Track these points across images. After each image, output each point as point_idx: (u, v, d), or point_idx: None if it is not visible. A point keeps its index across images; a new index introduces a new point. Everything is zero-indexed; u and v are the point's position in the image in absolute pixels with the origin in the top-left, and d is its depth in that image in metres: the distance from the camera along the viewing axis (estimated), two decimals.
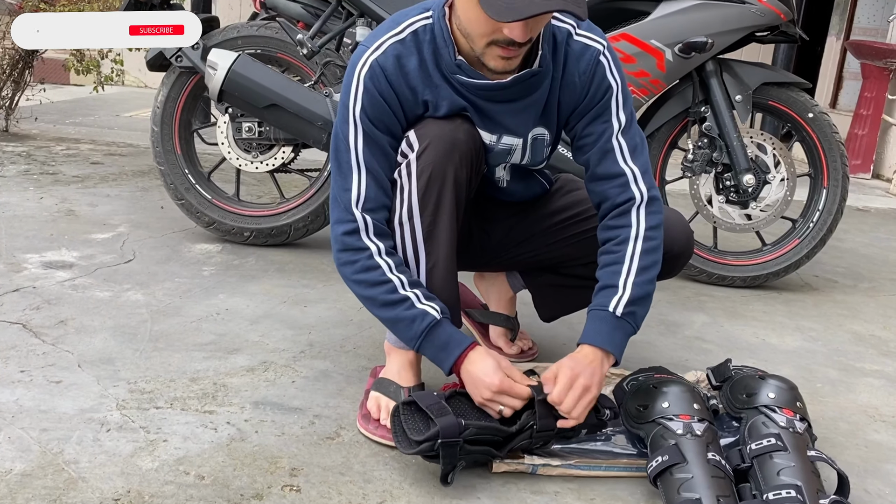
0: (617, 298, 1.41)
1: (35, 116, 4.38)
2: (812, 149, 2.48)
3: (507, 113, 1.45)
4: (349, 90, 1.39)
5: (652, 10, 2.29)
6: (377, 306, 1.40)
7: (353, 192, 1.39)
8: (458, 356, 1.38)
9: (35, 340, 1.73)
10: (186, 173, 2.55)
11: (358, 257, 1.39)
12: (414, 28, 1.39)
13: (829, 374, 1.92)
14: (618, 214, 1.46)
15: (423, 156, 1.38)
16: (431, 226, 1.41)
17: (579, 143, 1.49)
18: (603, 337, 1.40)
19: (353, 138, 1.39)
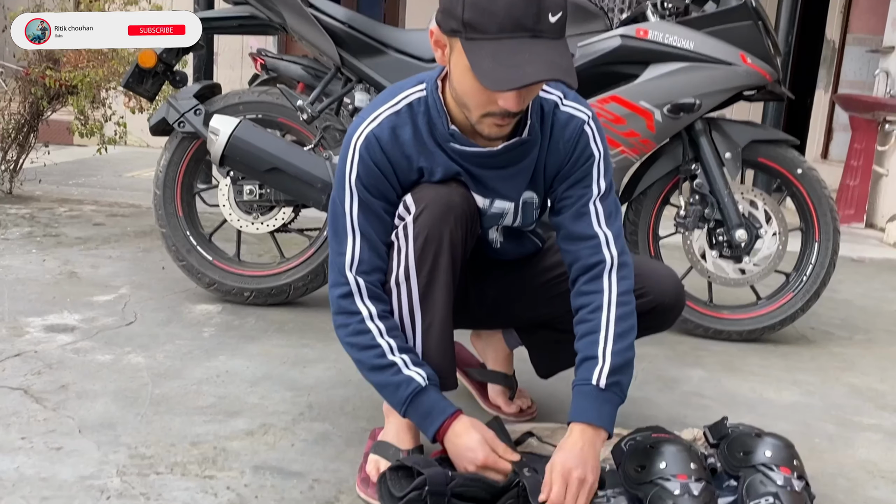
0: (598, 370, 1.42)
1: (39, 178, 4.45)
2: (802, 204, 2.53)
3: (498, 178, 1.50)
4: (345, 159, 1.45)
5: (640, 73, 2.36)
6: (367, 370, 1.45)
7: (347, 255, 1.43)
8: (441, 424, 1.41)
9: (36, 406, 1.74)
10: (188, 235, 2.59)
11: (350, 321, 1.43)
12: (409, 100, 1.45)
13: (826, 429, 1.93)
14: (589, 279, 1.49)
15: (419, 218, 1.43)
16: (427, 287, 1.44)
17: (558, 205, 1.55)
18: (591, 413, 1.41)
19: (348, 204, 1.44)
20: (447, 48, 1.35)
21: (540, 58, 1.26)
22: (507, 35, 1.26)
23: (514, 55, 1.25)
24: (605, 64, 2.37)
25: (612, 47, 2.34)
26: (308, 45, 2.48)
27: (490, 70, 1.26)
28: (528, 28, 1.25)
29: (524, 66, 1.25)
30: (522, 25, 1.25)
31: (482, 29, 1.26)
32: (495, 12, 1.25)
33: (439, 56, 1.38)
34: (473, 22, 1.27)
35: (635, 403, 1.99)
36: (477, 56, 1.27)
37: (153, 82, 2.61)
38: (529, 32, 1.26)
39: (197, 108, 2.47)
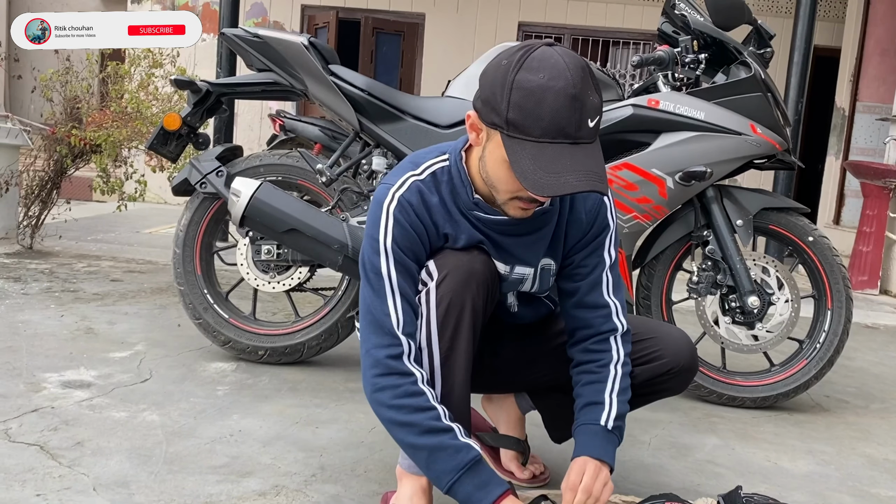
0: (606, 414, 1.50)
1: (59, 234, 4.53)
2: (814, 271, 2.55)
3: (519, 245, 1.53)
4: (378, 223, 1.46)
5: (652, 141, 2.41)
6: (418, 433, 1.39)
7: (392, 316, 1.43)
8: (498, 497, 1.38)
9: (52, 463, 1.75)
10: (205, 293, 2.62)
11: (402, 382, 1.40)
12: (432, 169, 1.49)
13: (843, 501, 1.90)
14: (599, 341, 1.57)
15: (442, 284, 1.45)
16: (449, 351, 1.46)
17: (573, 271, 1.58)
18: (598, 449, 1.47)
19: (385, 267, 1.45)
20: (483, 133, 1.40)
21: (579, 166, 1.30)
22: (548, 140, 1.30)
23: (555, 161, 1.30)
24: (618, 132, 2.42)
25: (625, 116, 2.40)
26: (328, 111, 2.56)
27: (531, 172, 1.31)
28: (569, 135, 1.30)
29: (565, 175, 1.29)
30: (565, 133, 1.30)
31: (525, 131, 1.31)
32: (541, 117, 1.29)
33: (473, 138, 1.42)
34: (517, 122, 1.31)
35: (648, 470, 1.98)
36: (517, 155, 1.32)
37: (177, 144, 2.69)
38: (570, 139, 1.30)
39: (219, 170, 2.54)
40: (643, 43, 7.79)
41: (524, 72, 1.30)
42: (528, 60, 1.31)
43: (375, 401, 1.42)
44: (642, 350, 1.63)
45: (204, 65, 5.49)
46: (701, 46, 2.53)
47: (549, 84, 1.28)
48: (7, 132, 4.20)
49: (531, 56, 1.31)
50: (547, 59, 1.31)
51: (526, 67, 1.30)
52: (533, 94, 1.29)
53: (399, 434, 1.42)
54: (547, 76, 1.29)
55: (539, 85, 1.29)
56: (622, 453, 2.07)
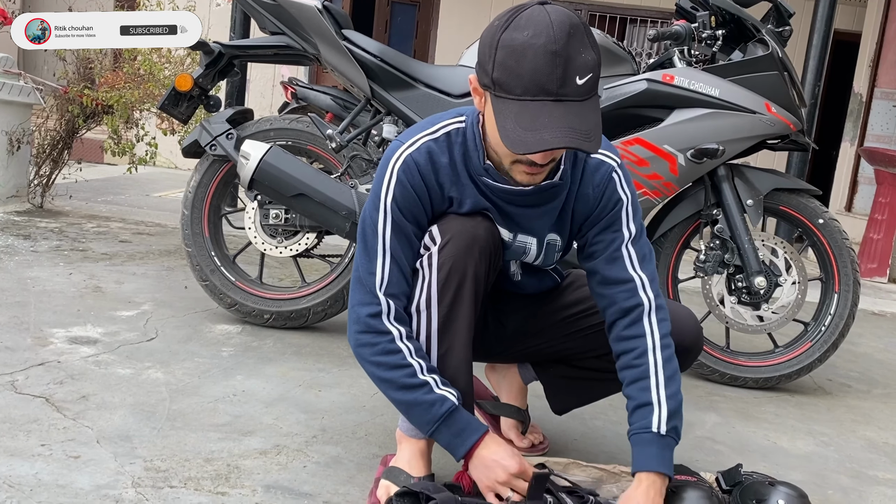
0: (657, 417, 1.44)
1: (69, 194, 4.55)
2: (823, 254, 2.53)
3: (525, 216, 1.53)
4: (382, 180, 1.47)
5: (665, 117, 2.39)
6: (395, 389, 1.44)
7: (377, 275, 1.45)
8: (475, 441, 1.42)
9: (57, 415, 1.77)
10: (213, 255, 2.63)
11: (379, 340, 1.44)
12: (447, 130, 1.48)
13: (840, 481, 1.91)
14: (629, 324, 1.50)
15: (444, 249, 1.45)
16: (447, 316, 1.46)
17: (589, 250, 1.56)
18: (656, 461, 1.42)
19: (381, 225, 1.46)
20: (483, 97, 1.39)
21: (559, 123, 1.28)
22: (529, 98, 1.29)
23: (534, 119, 1.29)
24: (631, 107, 2.40)
25: (638, 90, 2.38)
26: (340, 77, 2.54)
27: (510, 130, 1.30)
28: (551, 92, 1.28)
29: (542, 132, 1.28)
30: (546, 90, 1.28)
31: (508, 89, 1.30)
32: (521, 75, 1.28)
33: (477, 101, 1.42)
34: (500, 81, 1.31)
35: None
36: (501, 115, 1.32)
37: (188, 105, 2.68)
38: (552, 96, 1.29)
39: (229, 133, 2.53)
40: (661, 21, 7.70)
41: (510, 31, 1.29)
42: (516, 20, 1.30)
43: (358, 355, 1.48)
44: None
45: (218, 29, 5.45)
46: (718, 23, 2.50)
47: (530, 41, 1.27)
48: (20, 90, 4.20)
49: (520, 15, 1.30)
50: (534, 17, 1.29)
51: (513, 26, 1.30)
52: (514, 51, 1.28)
53: (381, 388, 1.47)
54: (531, 33, 1.28)
55: (521, 42, 1.28)
56: (621, 427, 2.08)
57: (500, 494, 1.42)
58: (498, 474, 1.40)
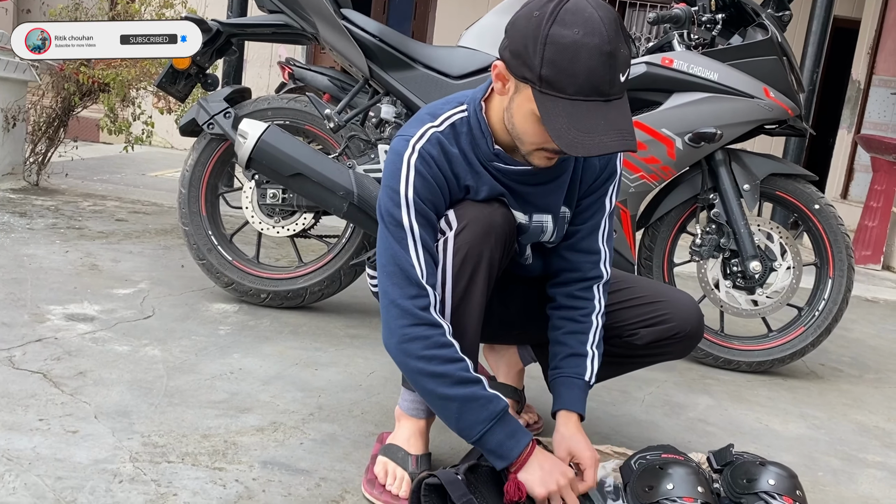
0: (590, 369, 1.57)
1: (65, 172, 4.53)
2: (818, 239, 2.55)
3: (538, 194, 1.54)
4: (398, 175, 1.43)
5: (664, 101, 2.39)
6: (450, 384, 1.39)
7: (416, 267, 1.41)
8: (528, 445, 1.41)
9: (54, 390, 1.78)
10: (210, 234, 2.63)
11: (432, 333, 1.39)
12: (451, 121, 1.47)
13: (831, 464, 1.93)
14: (585, 288, 1.61)
15: (460, 235, 1.45)
16: (461, 301, 1.46)
17: (576, 216, 1.60)
18: (582, 404, 1.56)
19: (406, 218, 1.42)
20: (510, 84, 1.37)
21: (611, 125, 1.29)
22: (582, 98, 1.28)
23: (588, 120, 1.28)
24: (630, 90, 2.39)
25: (637, 74, 2.38)
26: (338, 56, 2.53)
27: (565, 131, 1.29)
28: (603, 93, 1.28)
29: (598, 135, 1.28)
30: (598, 90, 1.28)
31: (559, 88, 1.29)
32: (575, 75, 1.27)
33: (499, 88, 1.40)
34: (550, 79, 1.29)
35: (640, 426, 2.01)
36: (550, 113, 1.30)
37: (185, 84, 2.67)
38: (603, 97, 1.29)
39: (227, 111, 2.53)
40: (660, 4, 7.67)
41: (558, 26, 1.27)
42: (561, 13, 1.28)
43: (404, 351, 1.40)
44: (650, 312, 1.63)
45: (215, 7, 5.41)
46: (718, 6, 2.50)
47: (583, 40, 1.26)
48: (15, 66, 4.17)
49: (564, 8, 1.28)
50: (580, 11, 1.28)
51: (559, 21, 1.27)
52: (567, 50, 1.26)
53: (429, 385, 1.39)
54: (581, 31, 1.26)
55: (574, 41, 1.26)
56: (614, 409, 2.11)
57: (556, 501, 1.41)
58: (558, 478, 1.41)
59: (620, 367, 1.76)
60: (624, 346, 1.66)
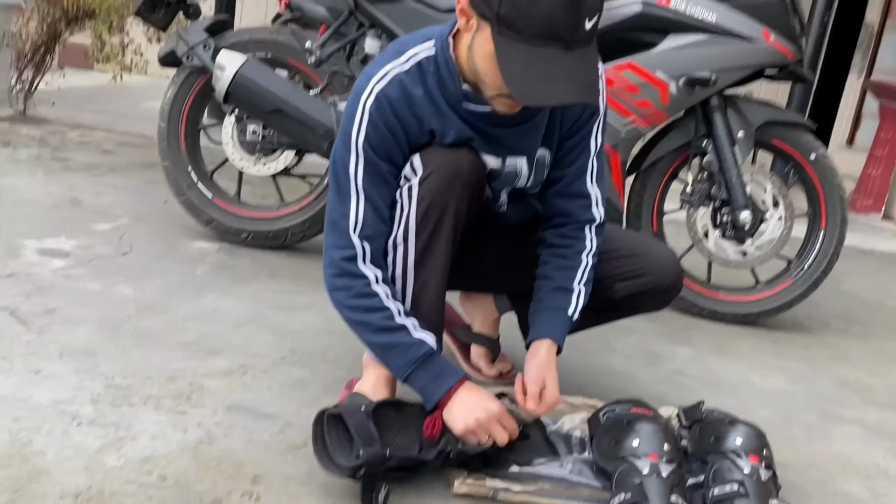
0: (574, 304, 1.54)
1: (53, 101, 4.44)
2: (811, 190, 2.48)
3: (513, 136, 1.47)
4: (352, 119, 1.39)
5: (658, 42, 2.30)
6: (371, 331, 1.41)
7: (351, 218, 1.40)
8: (453, 385, 1.39)
9: (20, 328, 1.76)
10: (189, 171, 2.58)
11: (354, 283, 1.40)
12: (417, 59, 1.40)
13: (807, 419, 1.92)
14: (577, 229, 1.57)
15: (425, 182, 1.40)
16: (425, 251, 1.43)
17: (561, 159, 1.54)
18: (562, 337, 1.53)
19: (353, 167, 1.39)
20: (473, 22, 1.30)
21: (570, 75, 1.23)
22: (540, 43, 1.22)
23: (545, 67, 1.22)
24: (624, 30, 2.30)
25: (632, 14, 2.28)
26: None
27: (519, 78, 1.23)
28: (563, 39, 1.22)
29: (554, 84, 1.22)
30: (558, 36, 1.21)
31: (516, 29, 1.22)
32: (534, 17, 1.20)
33: (462, 24, 1.32)
34: (509, 19, 1.22)
35: (616, 376, 1.99)
36: (506, 57, 1.24)
37: (166, 12, 2.58)
38: (563, 44, 1.22)
39: (206, 42, 2.43)
40: None
41: None
42: None
43: (333, 299, 1.45)
44: (627, 265, 1.60)
45: None
46: None
47: None
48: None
49: None
50: None
51: None
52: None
53: (356, 331, 1.44)
54: None
55: None
56: (592, 359, 2.08)
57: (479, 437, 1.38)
58: (477, 413, 1.36)
59: (596, 319, 1.73)
60: (600, 298, 1.62)
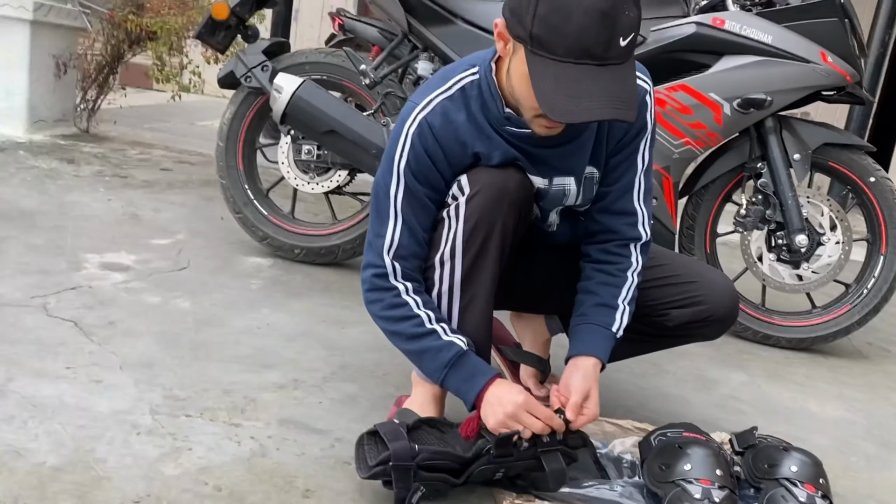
0: (619, 322, 1.51)
1: (115, 120, 4.60)
2: (871, 213, 2.43)
3: (557, 156, 1.47)
4: (396, 144, 1.42)
5: (713, 64, 2.28)
6: (404, 340, 1.44)
7: (386, 239, 1.43)
8: (484, 384, 1.39)
9: (84, 339, 1.82)
10: (246, 188, 2.64)
11: (384, 296, 1.43)
12: (461, 84, 1.42)
13: (866, 449, 1.86)
14: (622, 246, 1.55)
15: (472, 200, 1.41)
16: (472, 269, 1.44)
17: (606, 176, 1.53)
18: (606, 354, 1.50)
19: (393, 189, 1.43)
20: (510, 45, 1.31)
21: (602, 91, 1.23)
22: (573, 60, 1.22)
23: (577, 84, 1.22)
24: (678, 51, 2.30)
25: (686, 34, 2.27)
26: (377, 9, 2.48)
27: (550, 94, 1.24)
28: (595, 56, 1.22)
29: (585, 100, 1.22)
30: (590, 53, 1.21)
31: (549, 48, 1.23)
32: (566, 35, 1.21)
33: (500, 48, 1.34)
34: (541, 38, 1.23)
35: (669, 400, 1.97)
36: (539, 74, 1.24)
37: (225, 35, 2.65)
38: (597, 60, 1.22)
39: (264, 64, 2.50)
40: None
41: None
42: None
43: (370, 313, 1.48)
44: (683, 293, 1.58)
45: None
46: None
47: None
48: (67, 14, 4.21)
49: None
50: None
51: None
52: (560, 8, 1.20)
53: (393, 341, 1.47)
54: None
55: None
56: (643, 381, 2.06)
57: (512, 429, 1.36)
58: (505, 407, 1.36)
59: (649, 346, 1.72)
60: (653, 325, 1.61)
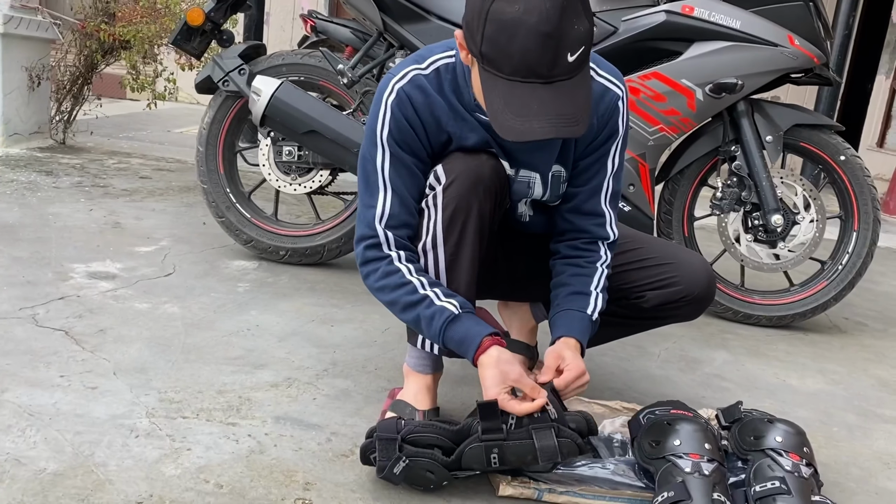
0: (592, 306, 1.53)
1: (91, 130, 4.58)
2: (843, 191, 2.49)
3: (525, 150, 1.51)
4: (376, 115, 1.45)
5: (684, 51, 2.33)
6: (400, 309, 1.45)
7: (377, 209, 1.45)
8: (480, 342, 1.38)
9: (76, 347, 1.83)
10: (228, 192, 2.65)
11: (379, 265, 1.45)
12: (437, 65, 1.45)
13: (846, 419, 1.92)
14: (590, 243, 1.59)
15: (449, 189, 1.45)
16: (454, 255, 1.47)
17: (576, 177, 1.56)
18: (584, 335, 1.51)
19: (379, 160, 1.45)
20: (469, 56, 1.34)
21: (549, 109, 1.25)
22: (519, 79, 1.24)
23: (524, 104, 1.25)
24: (649, 39, 2.34)
25: (657, 23, 2.32)
26: (352, 9, 2.50)
27: (500, 113, 1.27)
28: (541, 75, 1.24)
29: (532, 120, 1.25)
30: (536, 73, 1.24)
31: (497, 66, 1.25)
32: (511, 55, 1.23)
33: (464, 56, 1.37)
34: (489, 57, 1.26)
35: (654, 381, 2.01)
36: (489, 90, 1.28)
37: (200, 40, 2.66)
38: (542, 79, 1.24)
39: (241, 68, 2.52)
40: None
41: (501, 1, 1.22)
42: None
43: (368, 286, 1.49)
44: (659, 274, 1.61)
45: None
46: None
47: (522, 18, 1.20)
48: (38, 25, 4.19)
49: None
50: None
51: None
52: (506, 28, 1.22)
53: (392, 310, 1.47)
54: (523, 8, 1.20)
55: (512, 18, 1.21)
56: (628, 364, 2.10)
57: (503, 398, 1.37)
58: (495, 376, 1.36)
59: (629, 329, 1.75)
60: (631, 307, 1.64)
